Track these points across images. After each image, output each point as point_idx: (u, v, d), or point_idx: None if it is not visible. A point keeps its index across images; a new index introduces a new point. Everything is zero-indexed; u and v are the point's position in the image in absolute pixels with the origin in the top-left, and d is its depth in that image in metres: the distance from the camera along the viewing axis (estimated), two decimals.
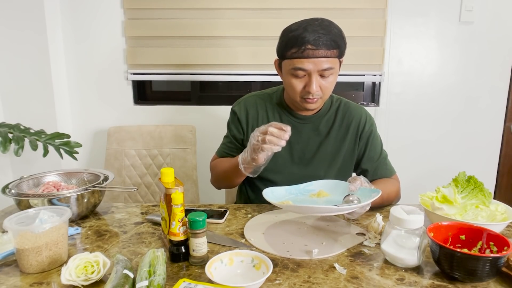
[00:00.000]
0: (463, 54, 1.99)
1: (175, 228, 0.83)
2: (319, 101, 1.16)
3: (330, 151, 1.25)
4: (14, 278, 0.79)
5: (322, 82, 1.11)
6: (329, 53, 1.07)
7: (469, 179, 1.00)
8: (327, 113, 1.27)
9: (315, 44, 1.05)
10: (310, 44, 1.06)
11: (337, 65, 1.13)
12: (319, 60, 1.07)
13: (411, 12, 1.95)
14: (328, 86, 1.13)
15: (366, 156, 1.27)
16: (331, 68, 1.09)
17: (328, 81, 1.12)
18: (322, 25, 1.09)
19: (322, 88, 1.12)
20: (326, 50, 1.07)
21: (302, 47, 1.06)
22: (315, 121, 1.26)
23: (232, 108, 1.33)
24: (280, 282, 0.76)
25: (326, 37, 1.06)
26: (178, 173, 1.88)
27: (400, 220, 0.80)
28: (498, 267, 0.74)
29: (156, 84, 2.19)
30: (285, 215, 1.11)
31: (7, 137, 1.40)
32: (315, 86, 1.10)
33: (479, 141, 2.08)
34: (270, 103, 1.29)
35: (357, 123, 1.26)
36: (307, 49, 1.06)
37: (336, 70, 1.13)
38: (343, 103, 1.30)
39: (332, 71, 1.10)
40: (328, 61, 1.08)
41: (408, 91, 2.04)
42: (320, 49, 1.06)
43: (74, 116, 2.07)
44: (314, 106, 1.17)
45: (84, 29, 1.97)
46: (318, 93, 1.12)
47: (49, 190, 1.09)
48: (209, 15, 1.94)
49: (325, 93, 1.14)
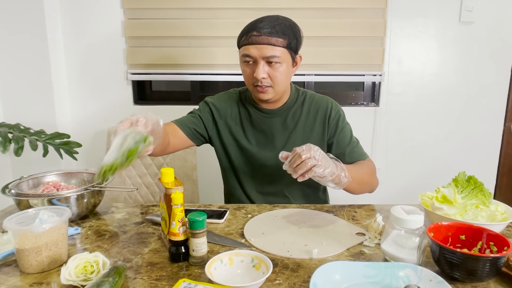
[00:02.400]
0: (463, 54, 1.99)
1: (175, 228, 0.83)
2: (271, 91, 1.18)
3: (299, 143, 1.22)
4: (14, 278, 0.79)
5: (270, 71, 1.15)
6: (273, 40, 1.11)
7: (469, 179, 1.00)
8: (293, 106, 1.29)
9: (259, 31, 1.11)
10: (255, 31, 1.12)
11: (286, 56, 1.15)
12: (262, 47, 1.12)
13: (411, 12, 1.95)
14: (277, 76, 1.15)
15: (336, 142, 1.28)
16: (276, 56, 1.12)
17: (277, 71, 1.15)
18: (274, 17, 1.16)
19: (271, 77, 1.15)
20: (270, 37, 1.11)
21: (248, 34, 1.13)
22: (282, 114, 1.28)
23: (206, 100, 1.34)
24: (280, 282, 0.76)
25: (271, 25, 1.12)
26: (178, 173, 1.88)
27: (400, 220, 0.80)
28: (498, 267, 0.74)
29: (156, 84, 2.19)
30: (285, 215, 1.11)
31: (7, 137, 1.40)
32: (261, 73, 1.13)
33: (479, 141, 2.07)
34: (240, 100, 1.33)
35: (324, 111, 1.28)
36: (252, 35, 1.12)
37: (286, 61, 1.16)
38: (308, 95, 1.32)
39: (278, 59, 1.13)
40: (274, 49, 1.12)
41: (408, 91, 2.04)
42: (263, 35, 1.11)
43: (74, 116, 2.07)
44: (266, 96, 1.19)
45: (84, 29, 1.97)
46: (266, 81, 1.15)
47: (49, 190, 1.09)
48: (209, 15, 1.94)
49: (275, 83, 1.17)
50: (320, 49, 1.98)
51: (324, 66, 2.00)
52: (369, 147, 2.08)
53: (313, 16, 1.94)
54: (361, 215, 1.12)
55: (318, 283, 0.70)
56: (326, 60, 1.99)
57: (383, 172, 2.11)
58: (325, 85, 2.14)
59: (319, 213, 1.12)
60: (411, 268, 0.75)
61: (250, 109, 1.29)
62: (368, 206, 1.19)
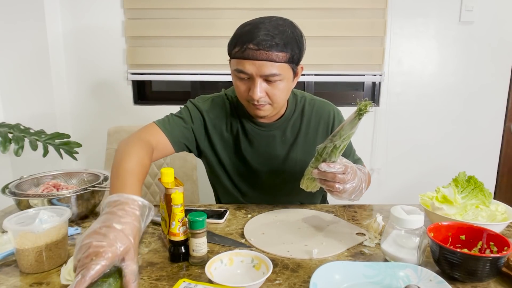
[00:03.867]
0: (463, 54, 1.99)
1: (175, 228, 0.83)
2: (268, 108, 1.04)
3: (300, 157, 1.17)
4: (14, 278, 0.79)
5: (268, 89, 0.99)
6: (273, 56, 0.94)
7: (469, 179, 1.00)
8: (292, 116, 1.16)
9: (257, 44, 0.93)
10: (252, 43, 0.93)
11: (287, 71, 0.99)
12: (260, 63, 0.94)
13: (411, 12, 1.95)
14: (276, 94, 1.00)
15: None
16: (276, 74, 0.96)
17: (277, 88, 0.99)
18: (273, 24, 0.96)
19: (269, 95, 1.00)
20: (269, 52, 0.93)
21: (243, 46, 0.94)
22: (281, 126, 1.15)
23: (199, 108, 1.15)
24: (280, 282, 0.76)
25: (272, 37, 0.93)
26: (178, 173, 1.88)
27: (400, 220, 0.80)
28: (498, 267, 0.74)
29: (156, 84, 2.19)
30: (285, 215, 1.11)
31: (7, 137, 1.40)
32: (258, 92, 0.97)
33: (479, 141, 2.08)
34: (234, 110, 1.16)
35: (326, 120, 1.18)
36: (248, 48, 0.94)
37: (286, 77, 0.99)
38: (307, 101, 1.19)
39: (278, 77, 0.96)
40: (273, 66, 0.94)
41: (408, 91, 2.04)
42: (261, 50, 0.93)
43: (74, 116, 2.07)
44: (263, 113, 1.05)
45: (84, 29, 1.97)
46: (263, 100, 1.00)
47: (49, 190, 1.09)
48: (209, 15, 1.94)
49: (274, 101, 1.02)
50: (320, 49, 1.98)
51: (324, 66, 2.00)
52: (369, 147, 2.08)
53: (313, 16, 1.95)
54: (361, 215, 1.12)
55: (318, 283, 0.70)
56: (326, 60, 1.99)
57: (383, 172, 2.11)
58: (325, 85, 2.14)
59: (319, 213, 1.12)
60: (411, 268, 0.75)
61: (245, 122, 1.15)
62: (368, 206, 1.19)
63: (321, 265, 0.74)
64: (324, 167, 0.84)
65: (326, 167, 0.84)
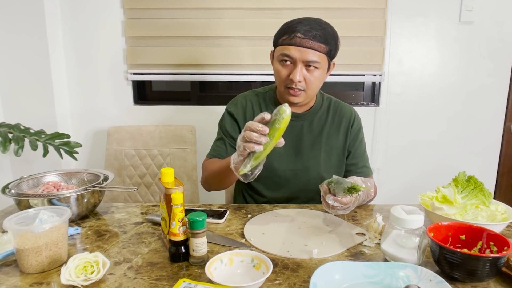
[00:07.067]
0: (463, 54, 1.99)
1: (175, 228, 0.83)
2: (303, 95, 1.17)
3: (324, 147, 1.27)
4: (14, 278, 0.79)
5: (306, 75, 1.13)
6: (315, 45, 1.10)
7: (469, 179, 1.00)
8: (319, 110, 1.30)
9: (304, 33, 1.09)
10: (299, 32, 1.10)
11: (325, 62, 1.15)
12: (305, 50, 1.10)
13: (411, 12, 1.95)
14: (312, 80, 1.14)
15: (353, 153, 1.30)
16: (316, 62, 1.11)
17: (313, 75, 1.14)
18: (317, 21, 1.13)
19: (306, 81, 1.14)
20: (313, 42, 1.10)
21: (292, 34, 1.11)
22: (308, 118, 1.28)
23: (227, 110, 1.31)
24: (280, 282, 0.76)
25: (316, 30, 1.10)
26: (178, 173, 1.88)
27: (400, 220, 0.80)
28: (498, 267, 0.74)
29: (156, 84, 2.19)
30: (285, 215, 1.11)
31: (7, 137, 1.40)
32: (298, 75, 1.12)
33: (479, 141, 2.08)
34: (264, 101, 1.30)
35: (348, 120, 1.30)
36: (296, 37, 1.10)
37: (323, 67, 1.15)
38: (333, 101, 1.33)
39: (317, 65, 1.12)
40: (315, 54, 1.11)
41: (408, 91, 2.04)
42: (307, 38, 1.09)
43: (74, 116, 2.07)
44: (297, 100, 1.18)
45: (84, 29, 1.97)
46: (301, 84, 1.14)
47: (49, 190, 1.09)
48: (209, 15, 1.94)
49: (309, 87, 1.15)
50: None
51: None
52: (369, 147, 2.08)
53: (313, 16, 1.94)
54: (361, 215, 1.12)
55: (318, 283, 0.70)
56: None
57: (383, 172, 2.11)
58: (325, 85, 2.13)
59: (319, 213, 1.12)
60: (411, 268, 0.75)
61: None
62: (368, 206, 1.20)
63: (321, 265, 0.74)
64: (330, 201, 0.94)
65: (332, 201, 0.94)
